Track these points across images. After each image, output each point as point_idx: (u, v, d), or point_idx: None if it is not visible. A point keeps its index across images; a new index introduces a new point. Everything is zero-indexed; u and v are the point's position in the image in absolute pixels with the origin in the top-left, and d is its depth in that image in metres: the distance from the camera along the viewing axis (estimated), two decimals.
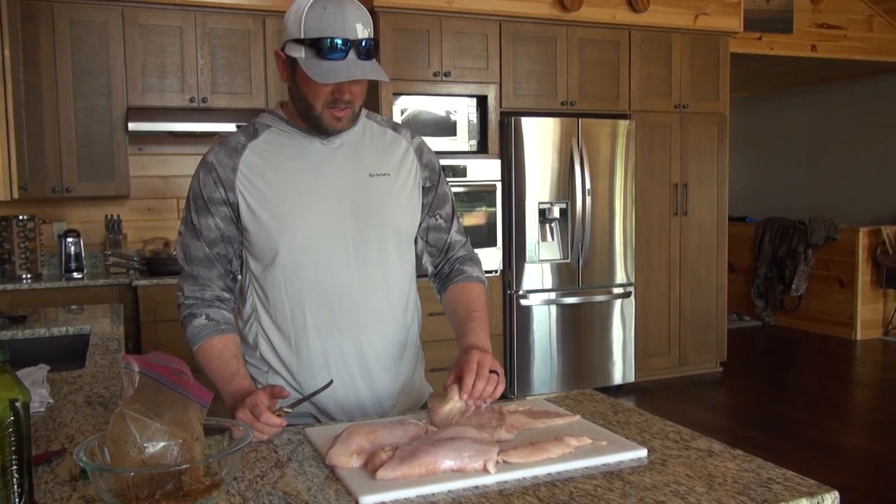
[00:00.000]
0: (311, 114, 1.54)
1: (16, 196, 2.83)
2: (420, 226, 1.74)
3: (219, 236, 1.58)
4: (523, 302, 4.90)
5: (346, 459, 1.26)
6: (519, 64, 4.91)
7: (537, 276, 4.93)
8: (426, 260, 1.80)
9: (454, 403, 1.50)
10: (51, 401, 1.72)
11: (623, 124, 5.08)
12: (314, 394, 1.51)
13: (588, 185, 4.97)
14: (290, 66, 1.52)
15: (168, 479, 1.08)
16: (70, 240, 4.31)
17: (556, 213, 4.91)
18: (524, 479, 1.22)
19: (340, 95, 1.51)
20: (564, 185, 4.94)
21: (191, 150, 4.71)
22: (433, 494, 1.16)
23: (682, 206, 5.42)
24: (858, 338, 6.65)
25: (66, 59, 4.17)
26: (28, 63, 3.99)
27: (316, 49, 1.45)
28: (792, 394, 5.21)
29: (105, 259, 4.47)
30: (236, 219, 1.58)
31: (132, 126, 4.19)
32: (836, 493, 1.17)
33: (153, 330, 4.10)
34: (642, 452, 1.32)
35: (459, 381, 1.47)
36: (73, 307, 3.33)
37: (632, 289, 5.19)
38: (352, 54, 1.46)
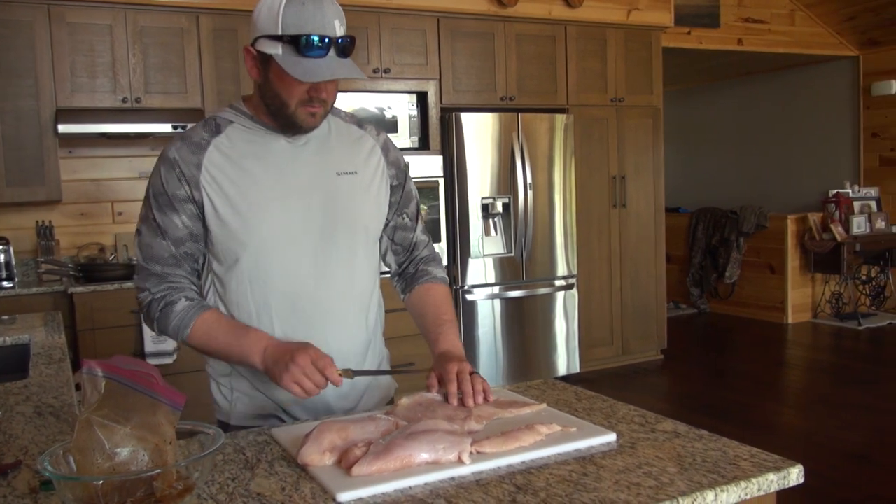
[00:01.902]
0: (284, 112, 1.50)
1: None
2: (387, 225, 1.72)
3: (187, 234, 1.53)
4: (468, 297, 4.92)
5: (319, 457, 1.25)
6: (458, 60, 4.93)
7: (481, 270, 4.95)
8: (390, 259, 1.78)
9: (418, 396, 1.50)
10: None
11: (561, 118, 5.15)
12: (391, 372, 1.49)
13: (529, 179, 5.02)
14: (263, 62, 1.48)
15: (139, 486, 1.05)
16: None
17: (498, 207, 4.94)
18: (499, 468, 1.23)
19: (317, 94, 1.48)
20: (506, 180, 4.98)
21: (124, 153, 4.58)
22: (410, 488, 1.16)
23: (621, 199, 5.52)
24: (790, 321, 6.89)
25: None
26: None
27: (295, 46, 1.42)
28: (730, 378, 5.37)
29: (37, 267, 4.30)
30: (201, 217, 1.53)
31: (62, 128, 4.04)
32: (801, 467, 1.21)
33: (91, 338, 3.97)
34: (611, 437, 1.35)
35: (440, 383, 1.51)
36: (6, 317, 3.19)
37: (574, 281, 5.27)
38: (332, 52, 1.44)
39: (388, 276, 1.82)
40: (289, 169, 1.56)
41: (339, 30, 1.45)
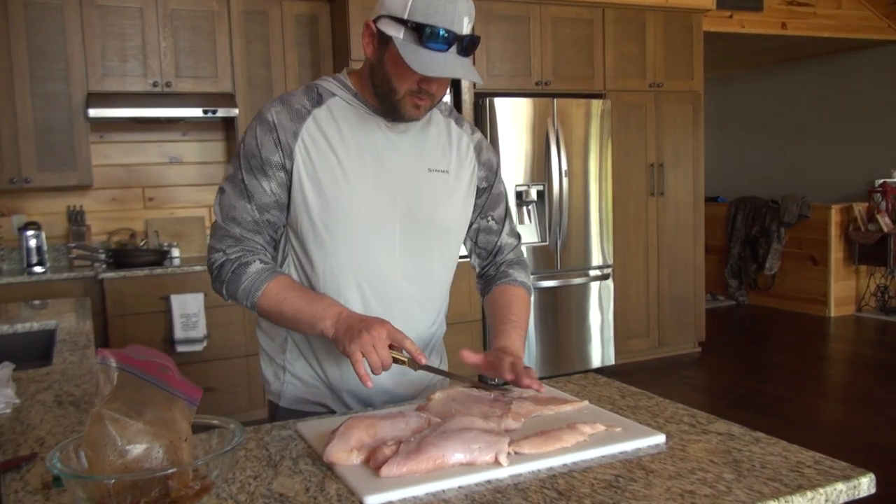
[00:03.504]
0: (390, 97, 1.42)
1: None
2: (470, 227, 1.65)
3: (273, 202, 1.46)
4: None
5: (346, 456, 1.17)
6: (492, 44, 4.81)
7: None
8: (474, 261, 1.72)
9: (453, 391, 1.42)
10: (17, 401, 1.60)
11: (598, 104, 5.02)
12: (458, 377, 1.44)
13: (565, 167, 4.90)
14: (381, 42, 1.40)
15: (153, 485, 0.98)
16: (30, 233, 4.13)
17: (533, 195, 4.83)
18: (539, 471, 1.14)
19: (428, 87, 1.40)
20: (541, 167, 4.86)
21: (156, 137, 4.55)
22: (444, 491, 1.07)
23: (659, 187, 5.37)
24: (832, 314, 6.69)
25: (20, 42, 3.97)
26: None
27: (418, 34, 1.34)
28: (770, 371, 5.20)
29: (68, 252, 4.29)
30: (289, 187, 1.46)
31: (92, 112, 4.01)
32: (872, 476, 1.10)
33: (121, 324, 3.95)
34: (660, 438, 1.25)
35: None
36: (37, 302, 3.18)
37: (610, 271, 5.14)
38: (453, 48, 1.36)
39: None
40: (383, 156, 1.49)
41: (467, 27, 1.37)
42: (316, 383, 1.56)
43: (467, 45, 1.37)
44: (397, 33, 1.36)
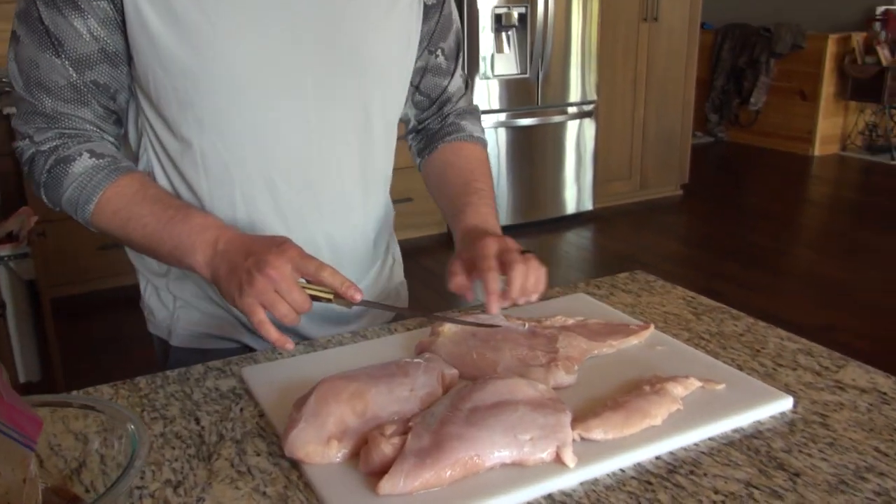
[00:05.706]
0: None
1: None
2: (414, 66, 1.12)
3: (97, 51, 0.91)
4: None
5: (321, 451, 0.74)
6: None
7: (487, 94, 4.30)
8: (409, 112, 1.20)
9: (471, 318, 0.99)
10: None
11: None
12: (413, 312, 1.01)
13: None
14: None
15: None
16: None
17: (514, 18, 4.21)
18: (623, 472, 0.73)
19: None
20: None
21: None
22: None
23: (653, 11, 4.76)
24: (816, 153, 6.34)
25: None
26: None
27: None
28: (755, 218, 4.88)
29: None
30: (121, 24, 0.90)
31: None
32: None
33: None
34: (786, 402, 0.84)
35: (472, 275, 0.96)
36: None
37: (592, 108, 4.64)
38: None
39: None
40: None
41: None
42: (215, 311, 1.08)
43: None
44: None
